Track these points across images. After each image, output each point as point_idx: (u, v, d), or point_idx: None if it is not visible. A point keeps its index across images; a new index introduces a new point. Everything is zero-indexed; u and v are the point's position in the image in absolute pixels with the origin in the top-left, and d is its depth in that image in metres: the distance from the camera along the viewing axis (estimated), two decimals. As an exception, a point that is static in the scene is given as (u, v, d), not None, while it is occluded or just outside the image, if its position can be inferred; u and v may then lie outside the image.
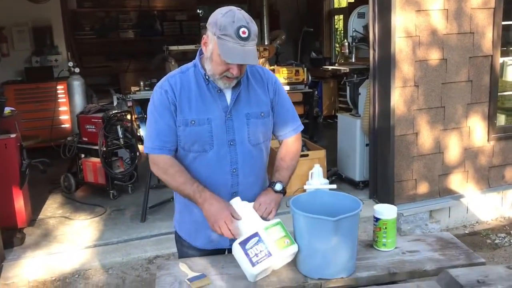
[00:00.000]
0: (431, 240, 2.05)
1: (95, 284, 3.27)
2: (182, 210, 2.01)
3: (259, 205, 1.84)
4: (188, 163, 1.88)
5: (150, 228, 4.00)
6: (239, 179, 1.88)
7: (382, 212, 1.94)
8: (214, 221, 1.78)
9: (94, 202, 4.66)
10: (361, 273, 1.79)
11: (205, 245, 1.98)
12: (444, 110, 4.17)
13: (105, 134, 4.52)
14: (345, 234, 1.72)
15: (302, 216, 1.72)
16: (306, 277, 1.77)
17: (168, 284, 1.76)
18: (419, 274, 1.83)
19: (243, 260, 1.70)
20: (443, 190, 4.33)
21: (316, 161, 4.49)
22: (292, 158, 2.01)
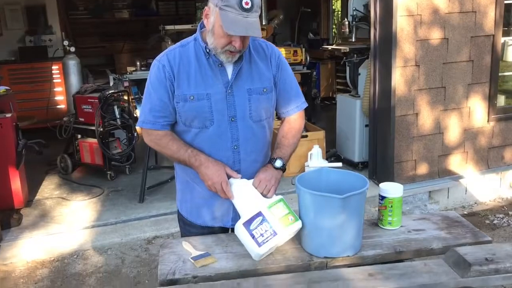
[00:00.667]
0: (437, 218, 2.03)
1: (94, 264, 3.25)
2: (183, 189, 1.98)
3: (259, 182, 1.80)
4: (190, 139, 1.84)
5: (149, 208, 3.98)
6: (241, 156, 1.85)
7: (388, 191, 1.91)
8: (211, 184, 1.77)
9: (91, 183, 4.62)
10: (367, 252, 1.77)
11: (207, 223, 1.95)
12: (445, 91, 4.13)
13: (101, 114, 4.46)
14: (352, 212, 1.69)
15: (308, 194, 1.69)
16: (312, 256, 1.75)
17: (172, 262, 1.73)
18: (425, 252, 1.81)
19: (248, 240, 1.68)
20: (443, 171, 4.32)
21: (315, 142, 4.47)
22: (294, 135, 1.97)
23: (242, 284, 1.59)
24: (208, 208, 1.90)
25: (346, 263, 1.75)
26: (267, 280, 1.62)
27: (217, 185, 1.75)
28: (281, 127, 1.98)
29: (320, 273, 1.66)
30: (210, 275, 1.66)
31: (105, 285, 3.03)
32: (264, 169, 1.86)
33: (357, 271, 1.66)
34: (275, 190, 1.82)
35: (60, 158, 4.91)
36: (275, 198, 1.78)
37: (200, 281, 1.64)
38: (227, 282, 1.61)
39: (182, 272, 1.67)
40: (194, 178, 1.84)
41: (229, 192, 1.76)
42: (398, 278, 1.60)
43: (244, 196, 1.77)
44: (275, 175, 1.84)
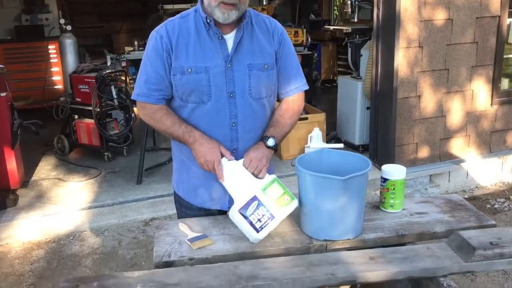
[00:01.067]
0: (440, 202, 1.98)
1: (90, 245, 3.22)
2: (180, 169, 1.92)
3: (250, 161, 1.72)
4: (187, 116, 1.78)
5: (146, 190, 3.93)
6: (239, 134, 1.78)
7: (390, 172, 1.86)
8: (203, 161, 1.70)
9: (88, 164, 4.57)
10: (368, 235, 1.72)
11: (203, 204, 1.90)
12: (448, 73, 4.06)
13: (98, 94, 4.39)
14: (353, 194, 1.64)
15: (308, 176, 1.64)
16: (311, 238, 1.70)
17: (168, 244, 1.68)
18: (428, 236, 1.76)
19: (246, 226, 1.62)
20: (444, 154, 4.27)
21: (315, 124, 4.42)
22: (291, 116, 1.89)
23: (239, 267, 1.55)
24: (205, 189, 1.85)
25: (346, 246, 1.70)
26: (265, 262, 1.57)
27: (209, 164, 1.69)
28: (279, 106, 1.91)
29: (320, 256, 1.61)
30: (207, 257, 1.62)
31: (101, 267, 3.00)
32: (255, 147, 1.77)
33: (357, 254, 1.62)
34: (266, 170, 1.74)
35: (57, 139, 4.85)
36: (269, 179, 1.70)
37: (196, 263, 1.60)
38: (224, 265, 1.56)
39: (178, 254, 1.63)
40: (190, 157, 1.78)
41: (220, 172, 1.69)
42: (400, 262, 1.56)
43: (236, 178, 1.69)
44: (266, 154, 1.76)
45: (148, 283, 1.47)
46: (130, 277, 1.52)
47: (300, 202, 1.72)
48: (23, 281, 2.86)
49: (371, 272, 1.52)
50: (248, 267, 1.55)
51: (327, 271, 1.51)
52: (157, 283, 1.47)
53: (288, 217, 1.81)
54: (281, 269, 1.53)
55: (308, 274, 1.50)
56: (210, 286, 1.45)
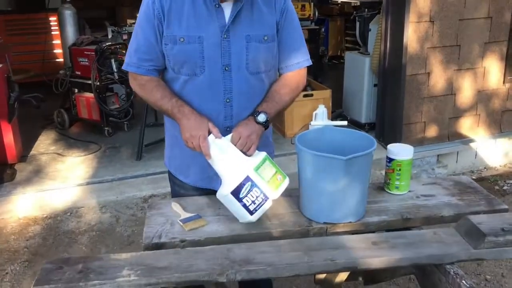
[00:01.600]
0: (448, 184, 1.87)
1: (87, 222, 3.15)
2: (172, 144, 1.82)
3: (239, 138, 1.59)
4: (179, 89, 1.67)
5: (146, 166, 3.85)
6: (233, 111, 1.67)
7: (396, 152, 1.75)
8: (188, 136, 1.57)
9: (88, 139, 4.49)
10: (371, 218, 1.63)
11: (196, 182, 1.80)
12: (460, 49, 3.90)
13: (98, 67, 4.27)
14: (356, 175, 1.54)
15: (309, 154, 1.53)
16: (311, 221, 1.61)
17: (159, 225, 1.60)
18: (435, 220, 1.66)
19: (239, 209, 1.52)
20: (453, 134, 4.14)
21: (320, 101, 4.29)
22: (288, 93, 1.74)
23: (233, 250, 1.46)
24: (197, 167, 1.74)
25: (347, 230, 1.61)
26: (261, 246, 1.48)
27: (194, 139, 1.56)
28: (276, 81, 1.76)
29: (319, 239, 1.52)
30: (199, 239, 1.53)
31: (97, 244, 2.93)
32: (245, 122, 1.62)
33: (359, 238, 1.52)
34: (255, 148, 1.61)
35: (57, 113, 4.76)
36: (260, 157, 1.58)
37: (188, 245, 1.51)
38: (217, 248, 1.48)
39: (169, 235, 1.54)
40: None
41: (206, 148, 1.55)
42: (404, 248, 1.46)
43: (223, 156, 1.56)
44: (256, 130, 1.61)
45: (135, 266, 1.39)
46: (117, 259, 1.44)
47: (300, 182, 1.62)
48: (18, 257, 2.80)
49: (373, 258, 1.43)
50: (242, 250, 1.46)
51: (326, 256, 1.42)
52: (145, 267, 1.39)
53: (287, 198, 1.72)
54: (278, 253, 1.45)
55: (306, 259, 1.41)
56: (200, 270, 1.37)
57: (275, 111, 1.69)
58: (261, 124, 1.63)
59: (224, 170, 1.55)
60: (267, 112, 1.64)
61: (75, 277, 1.35)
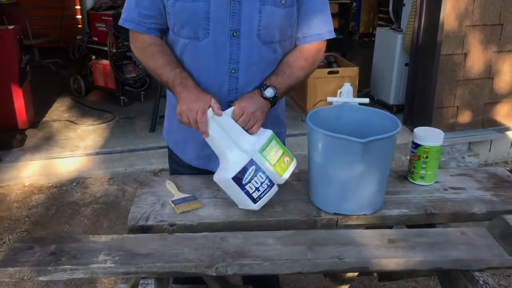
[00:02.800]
0: (481, 176, 1.64)
1: (93, 194, 3.03)
2: (171, 117, 1.62)
3: (241, 113, 1.35)
4: (178, 54, 1.47)
5: (159, 139, 3.68)
6: (239, 84, 1.46)
7: (424, 137, 1.52)
8: (184, 109, 1.34)
9: (103, 107, 4.35)
10: (389, 211, 1.42)
11: (192, 161, 1.61)
12: (502, 29, 3.58)
13: (115, 33, 4.10)
14: (375, 162, 1.33)
15: (321, 135, 1.32)
16: (320, 210, 1.41)
17: (148, 205, 1.43)
18: (464, 217, 1.44)
19: (240, 196, 1.32)
20: (487, 120, 3.85)
21: (346, 79, 4.02)
22: (301, 67, 1.51)
23: (227, 239, 1.28)
24: (194, 144, 1.55)
25: (361, 223, 1.41)
26: (259, 236, 1.30)
27: (191, 113, 1.33)
28: (290, 52, 1.53)
29: (327, 233, 1.32)
30: (191, 224, 1.36)
31: (100, 218, 2.80)
32: (249, 96, 1.39)
33: (374, 234, 1.32)
34: (259, 127, 1.39)
35: (73, 79, 4.64)
36: (265, 136, 1.37)
37: (178, 230, 1.34)
38: (210, 235, 1.30)
39: (157, 217, 1.37)
40: None
41: (204, 124, 1.32)
42: (425, 249, 1.26)
43: (224, 135, 1.34)
44: (262, 106, 1.39)
45: (114, 252, 1.22)
46: (95, 241, 1.27)
47: (310, 166, 1.42)
48: (18, 227, 2.70)
49: (388, 259, 1.22)
50: (237, 240, 1.28)
51: (333, 253, 1.23)
52: (125, 252, 1.22)
53: (295, 182, 1.53)
54: (278, 246, 1.26)
55: (310, 255, 1.22)
56: (187, 261, 1.20)
57: (286, 87, 1.46)
58: (268, 100, 1.41)
59: (224, 151, 1.35)
60: (276, 87, 1.42)
61: (44, 259, 1.19)
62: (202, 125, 1.32)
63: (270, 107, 1.42)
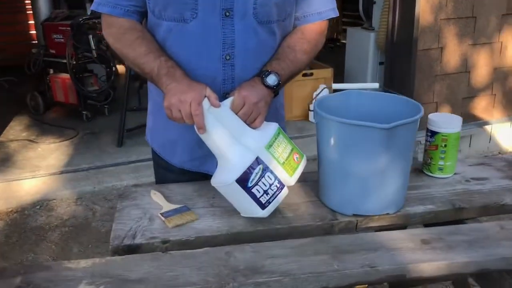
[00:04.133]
0: (500, 164, 1.49)
1: (59, 216, 2.74)
2: (155, 113, 1.40)
3: (242, 104, 1.16)
4: (161, 40, 1.25)
5: (128, 153, 3.44)
6: (235, 72, 1.25)
7: (441, 123, 1.36)
8: (175, 102, 1.12)
9: (65, 124, 4.05)
10: (413, 208, 1.24)
11: (183, 164, 1.38)
12: (475, 21, 3.53)
13: (74, 44, 3.83)
14: (400, 151, 1.15)
15: (336, 124, 1.13)
16: (335, 213, 1.22)
17: (134, 221, 1.20)
18: (494, 209, 1.28)
19: (245, 202, 1.12)
20: (466, 115, 3.77)
21: (321, 81, 3.91)
22: (305, 51, 1.32)
23: (234, 254, 1.06)
24: (185, 143, 1.34)
25: (383, 224, 1.22)
26: (272, 248, 1.09)
27: (183, 105, 1.11)
28: (290, 35, 1.34)
29: (351, 238, 1.13)
30: (188, 239, 1.14)
31: (69, 242, 2.52)
32: (250, 84, 1.20)
33: (404, 236, 1.13)
34: (263, 120, 1.20)
35: (30, 96, 4.32)
36: (271, 130, 1.17)
37: (173, 248, 1.12)
38: (213, 251, 1.08)
39: (146, 234, 1.14)
40: None
41: (200, 118, 1.11)
42: (466, 248, 1.08)
43: (223, 130, 1.14)
44: (265, 96, 1.19)
45: (98, 279, 0.99)
46: (72, 268, 1.03)
47: (320, 163, 1.23)
48: (-26, 259, 2.39)
49: (428, 264, 1.04)
50: (246, 254, 1.07)
51: (363, 261, 1.03)
52: (112, 279, 0.99)
53: (301, 184, 1.33)
54: (296, 257, 1.05)
55: (336, 265, 1.02)
56: (189, 284, 0.97)
57: (289, 73, 1.27)
58: (270, 89, 1.21)
59: (224, 150, 1.14)
60: (278, 73, 1.22)
61: (9, 296, 0.94)
62: (197, 118, 1.11)
63: (272, 97, 1.22)
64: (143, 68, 1.21)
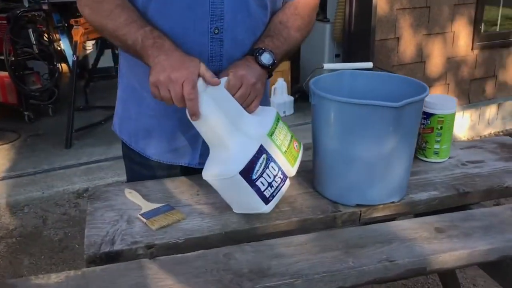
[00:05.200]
0: (492, 146, 1.44)
1: (4, 227, 2.47)
2: (126, 99, 1.22)
3: (240, 85, 1.01)
4: (140, 12, 1.08)
5: (78, 155, 3.19)
6: (224, 48, 1.11)
7: (436, 104, 1.28)
8: (164, 79, 0.96)
9: (5, 127, 3.70)
10: (417, 195, 1.15)
11: (160, 156, 1.21)
12: (429, 11, 3.55)
13: (12, 39, 3.52)
14: (407, 133, 1.05)
15: (339, 105, 1.02)
16: (336, 204, 1.11)
17: (109, 224, 1.03)
18: (498, 192, 1.21)
19: (248, 196, 0.97)
20: (423, 105, 3.81)
21: (279, 74, 3.81)
22: (299, 28, 1.20)
23: (234, 256, 0.93)
24: (162, 131, 1.18)
25: (388, 214, 1.13)
26: (275, 246, 0.96)
27: (174, 85, 0.95)
28: (280, 11, 1.21)
29: (358, 230, 1.01)
30: (176, 241, 0.99)
31: (18, 253, 2.27)
32: (245, 64, 1.06)
33: (415, 225, 1.04)
34: (258, 104, 1.07)
35: (-37, 98, 3.93)
36: (271, 115, 1.05)
37: (159, 253, 0.96)
38: (209, 254, 0.94)
39: (127, 239, 0.98)
40: (145, 83, 1.08)
41: (194, 101, 0.95)
42: (483, 234, 1.00)
43: (222, 113, 0.99)
44: (261, 77, 1.07)
45: (75, 296, 0.82)
46: (41, 285, 0.86)
47: (317, 150, 1.11)
48: None
49: (448, 254, 0.94)
50: (248, 255, 0.93)
51: (380, 255, 0.93)
52: (93, 295, 0.82)
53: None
54: (304, 256, 0.93)
55: (352, 262, 0.91)
56: (188, 295, 0.83)
57: (283, 52, 1.14)
58: (265, 68, 1.08)
59: (223, 137, 0.99)
60: (272, 51, 1.09)
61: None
62: (191, 103, 0.95)
63: (267, 78, 1.09)
64: (125, 40, 1.04)
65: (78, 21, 3.36)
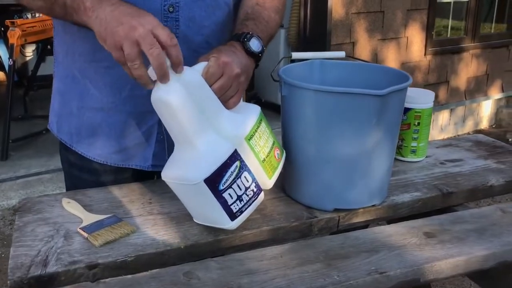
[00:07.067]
0: (468, 144, 1.35)
1: None
2: (65, 92, 1.03)
3: (220, 74, 0.83)
4: None
5: (15, 167, 2.92)
6: (180, 29, 0.95)
7: (413, 98, 1.17)
8: (124, 34, 0.75)
9: None
10: (399, 197, 1.03)
11: (107, 156, 1.03)
12: (384, 16, 3.54)
13: None
14: (390, 126, 0.93)
15: (316, 94, 0.88)
16: (311, 209, 0.97)
17: (42, 242, 0.84)
18: (483, 192, 1.11)
19: (211, 209, 0.81)
20: (378, 111, 3.78)
21: (232, 79, 3.67)
22: (277, 10, 1.06)
23: (196, 274, 0.77)
24: (111, 129, 1.00)
25: (369, 219, 1.00)
26: (245, 261, 0.81)
27: (145, 33, 0.74)
28: None
29: (339, 239, 0.88)
30: (124, 259, 0.81)
31: None
32: (230, 49, 0.88)
33: (402, 230, 0.91)
34: (239, 100, 0.91)
35: None
36: (254, 115, 0.88)
37: (104, 275, 0.79)
38: (166, 274, 0.77)
39: (63, 258, 0.80)
40: (87, 70, 0.90)
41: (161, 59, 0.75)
42: (478, 238, 0.89)
43: (194, 104, 0.80)
44: (247, 67, 0.90)
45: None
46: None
47: (289, 148, 0.97)
48: None
49: (444, 262, 0.82)
50: (213, 273, 0.77)
51: (368, 267, 0.79)
52: (16, 333, 0.64)
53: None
54: (280, 271, 0.78)
55: (336, 276, 0.77)
56: (141, 327, 0.66)
57: (268, 37, 1.00)
58: (253, 57, 0.92)
59: (191, 134, 0.81)
60: (260, 36, 0.94)
61: None
62: (177, 49, 0.76)
63: (253, 69, 0.94)
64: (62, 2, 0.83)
65: (15, 22, 3.11)
